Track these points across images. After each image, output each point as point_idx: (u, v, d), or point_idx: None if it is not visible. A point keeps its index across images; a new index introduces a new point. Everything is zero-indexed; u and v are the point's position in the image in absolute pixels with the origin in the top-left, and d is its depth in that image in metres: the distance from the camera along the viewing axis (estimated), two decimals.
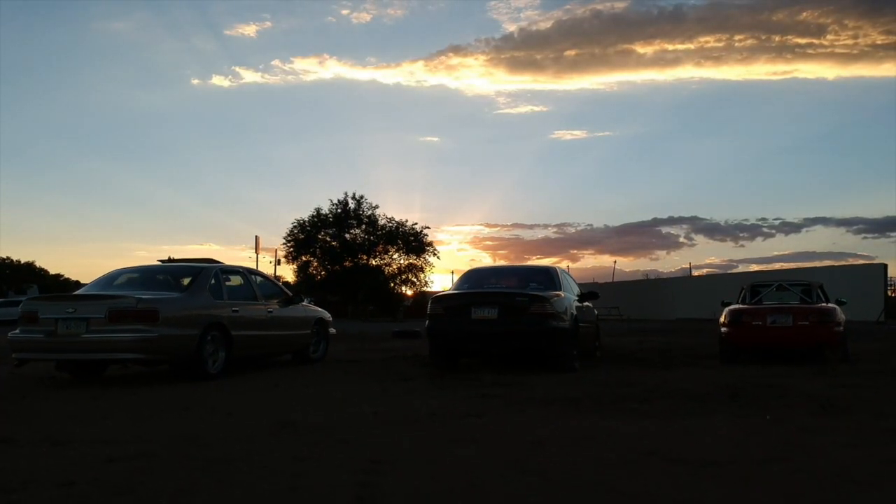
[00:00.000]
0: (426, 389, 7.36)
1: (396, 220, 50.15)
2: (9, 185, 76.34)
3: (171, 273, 9.06)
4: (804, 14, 58.94)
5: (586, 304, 10.85)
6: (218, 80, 72.77)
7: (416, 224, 50.15)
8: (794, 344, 10.00)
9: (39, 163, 78.75)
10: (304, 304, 10.76)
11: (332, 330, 11.44)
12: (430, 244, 50.18)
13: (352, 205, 49.86)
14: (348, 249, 49.16)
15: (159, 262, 9.74)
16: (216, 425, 5.31)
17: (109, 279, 9.03)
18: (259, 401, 6.70)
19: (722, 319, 10.66)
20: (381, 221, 50.10)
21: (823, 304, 10.48)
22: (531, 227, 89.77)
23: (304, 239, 49.15)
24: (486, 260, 75.69)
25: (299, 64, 75.27)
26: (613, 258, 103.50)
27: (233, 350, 8.73)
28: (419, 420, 5.49)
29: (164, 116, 76.77)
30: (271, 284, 10.32)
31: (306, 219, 49.56)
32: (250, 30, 72.07)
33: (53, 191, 79.75)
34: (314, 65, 77.29)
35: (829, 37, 57.71)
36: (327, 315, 11.31)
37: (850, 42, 60.98)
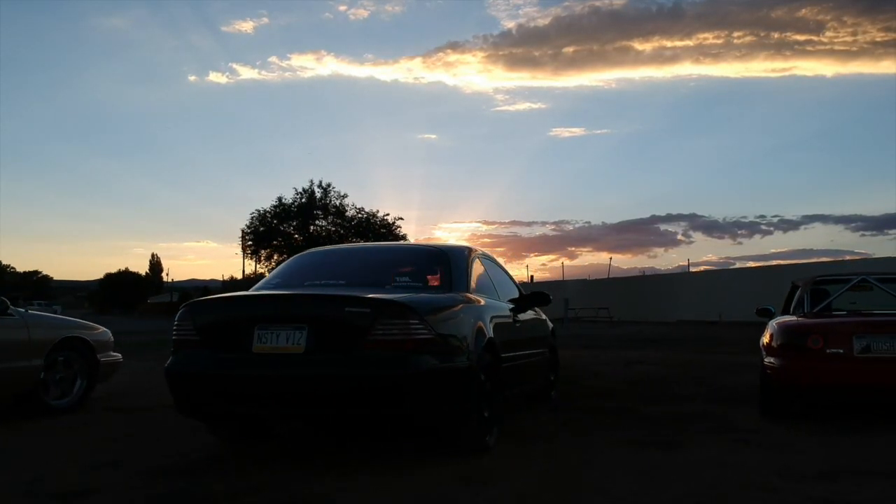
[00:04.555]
0: None
1: (367, 210, 45.56)
2: (4, 183, 72.69)
3: None
4: (803, 11, 56.05)
5: (530, 315, 6.29)
6: (215, 77, 69.34)
7: (387, 215, 45.46)
8: None
9: (34, 160, 75.49)
10: (30, 312, 6.16)
11: (115, 355, 6.87)
12: (404, 237, 45.39)
13: (318, 193, 45.14)
14: (313, 243, 44.32)
15: None
16: None
17: None
18: None
19: (766, 340, 6.09)
20: (350, 212, 45.47)
21: None
22: (529, 224, 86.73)
23: (264, 231, 44.44)
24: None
25: (296, 61, 71.98)
26: (611, 255, 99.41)
27: None
28: None
29: (161, 114, 73.62)
30: None
31: (268, 209, 44.94)
32: (247, 26, 68.59)
33: (47, 188, 76.44)
34: (311, 61, 74.11)
35: (828, 34, 54.94)
36: (95, 332, 6.73)
37: (848, 39, 58.23)
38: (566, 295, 33.50)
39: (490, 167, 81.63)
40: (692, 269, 38.80)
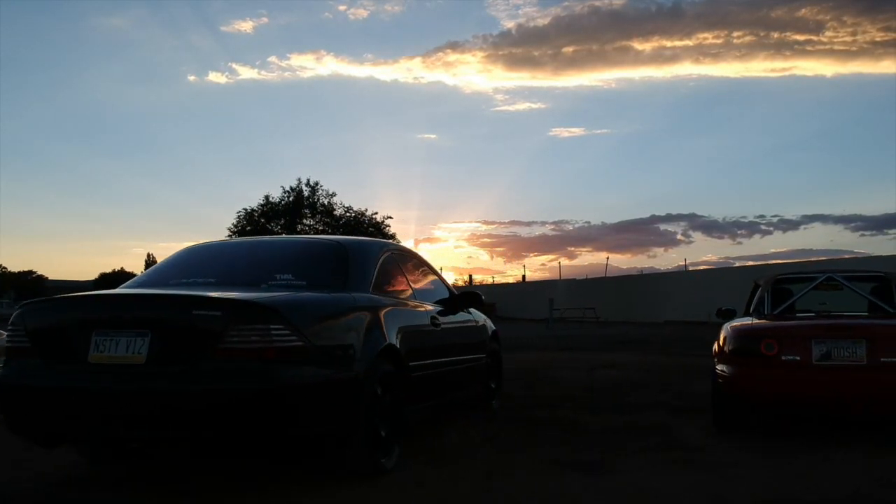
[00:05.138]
0: None
1: (355, 209, 44.86)
2: (2, 183, 72.55)
3: None
4: (803, 11, 55.73)
5: (462, 318, 5.69)
6: (214, 77, 69.07)
7: (376, 213, 44.67)
8: (874, 403, 4.81)
9: (32, 160, 75.16)
10: None
11: None
12: (393, 237, 44.66)
13: (306, 192, 44.44)
14: None
15: None
16: None
17: None
18: None
19: (719, 346, 5.50)
20: (339, 211, 44.74)
21: None
22: (528, 224, 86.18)
23: (251, 230, 43.76)
24: (482, 258, 70.31)
25: (296, 60, 71.59)
26: (609, 255, 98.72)
27: None
28: None
29: (161, 114, 73.42)
30: None
31: (255, 207, 44.30)
32: (247, 26, 68.15)
33: (45, 187, 76.31)
34: (311, 61, 73.97)
35: (828, 34, 54.62)
36: None
37: (848, 39, 57.85)
38: (555, 294, 32.92)
39: (490, 167, 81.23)
40: (691, 269, 38.19)
